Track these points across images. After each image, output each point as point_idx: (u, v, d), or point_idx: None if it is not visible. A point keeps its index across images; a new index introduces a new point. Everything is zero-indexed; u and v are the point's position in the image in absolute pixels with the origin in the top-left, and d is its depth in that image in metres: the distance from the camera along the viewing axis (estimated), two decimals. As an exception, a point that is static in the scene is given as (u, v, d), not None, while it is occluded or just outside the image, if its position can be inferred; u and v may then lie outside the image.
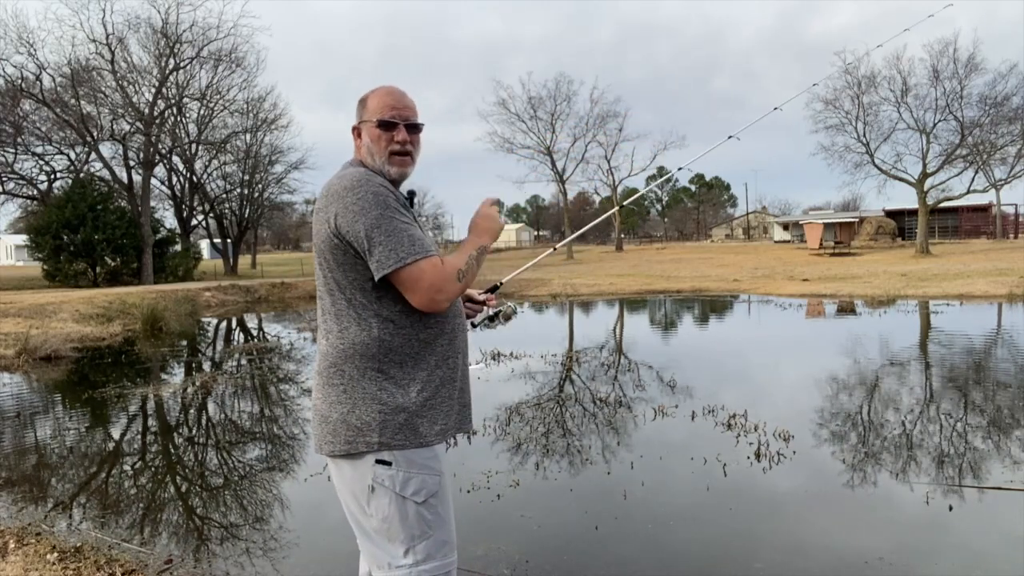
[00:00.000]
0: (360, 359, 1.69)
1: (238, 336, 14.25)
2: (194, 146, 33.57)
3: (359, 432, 1.67)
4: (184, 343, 12.65)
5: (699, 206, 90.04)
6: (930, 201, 32.91)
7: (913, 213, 36.55)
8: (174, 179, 34.56)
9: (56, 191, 30.11)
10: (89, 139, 27.68)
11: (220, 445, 5.66)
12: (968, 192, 32.23)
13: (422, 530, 1.69)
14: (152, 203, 30.45)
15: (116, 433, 6.19)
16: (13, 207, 34.45)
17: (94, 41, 27.10)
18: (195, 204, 36.49)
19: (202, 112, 32.98)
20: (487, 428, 5.55)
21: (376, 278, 1.65)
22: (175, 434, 6.11)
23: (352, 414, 1.68)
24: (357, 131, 1.85)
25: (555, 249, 3.02)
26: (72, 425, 6.50)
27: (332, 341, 1.73)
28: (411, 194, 1.88)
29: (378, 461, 1.67)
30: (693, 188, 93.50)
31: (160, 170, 33.01)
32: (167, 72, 28.93)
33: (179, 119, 32.07)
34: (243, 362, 9.74)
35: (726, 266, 28.02)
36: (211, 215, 38.12)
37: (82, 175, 28.92)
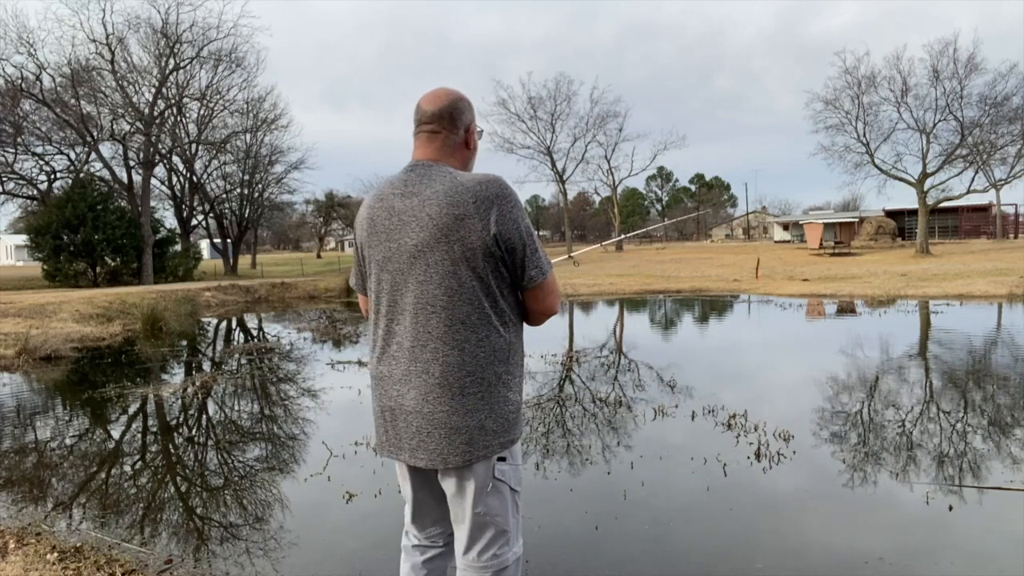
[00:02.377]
0: (498, 364, 1.74)
1: (238, 336, 14.25)
2: (194, 146, 33.59)
3: (495, 435, 1.75)
4: (184, 343, 12.64)
5: (699, 206, 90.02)
6: (930, 201, 32.92)
7: (913, 213, 36.59)
8: (174, 179, 34.60)
9: (56, 191, 30.12)
10: (89, 139, 27.69)
11: (220, 445, 5.66)
12: (968, 192, 32.26)
13: (516, 516, 1.89)
14: (152, 203, 30.46)
15: (116, 433, 6.18)
16: (13, 207, 34.55)
17: (94, 41, 27.14)
18: (195, 204, 36.50)
19: (202, 112, 33.02)
20: (487, 428, 5.54)
21: (532, 284, 1.76)
22: (175, 434, 6.11)
23: (489, 419, 1.74)
24: (471, 130, 1.89)
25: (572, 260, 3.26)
26: (72, 425, 6.50)
27: (470, 350, 1.71)
28: None
29: (499, 459, 1.79)
30: (693, 188, 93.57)
31: (160, 170, 33.05)
32: (167, 72, 28.94)
33: (179, 119, 32.09)
34: (243, 362, 9.74)
35: (726, 266, 28.02)
36: (211, 215, 38.14)
37: (82, 175, 28.92)
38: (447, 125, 1.82)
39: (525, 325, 1.92)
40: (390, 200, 1.81)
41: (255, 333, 14.51)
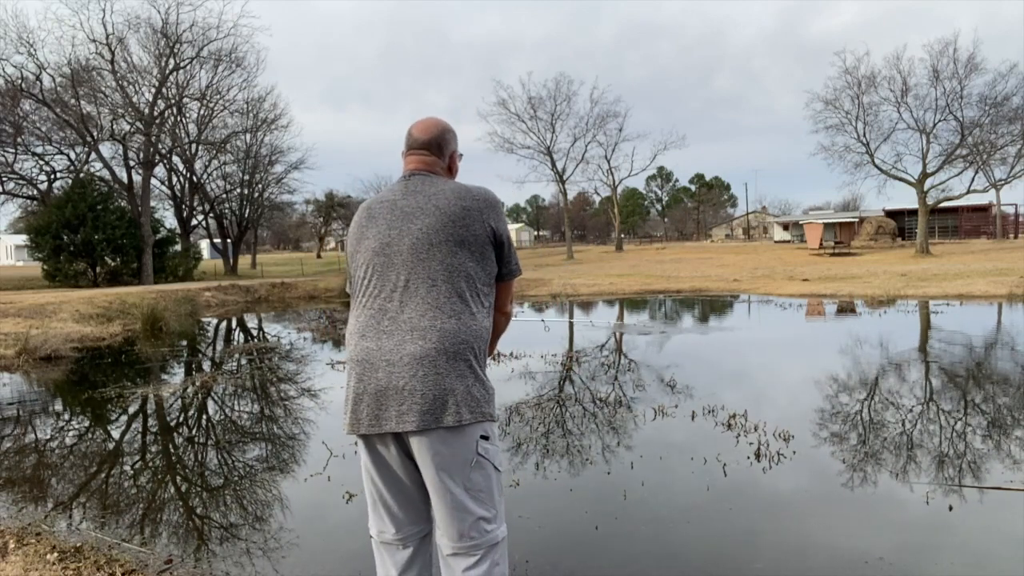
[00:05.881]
0: (482, 342, 1.95)
1: (238, 336, 14.25)
2: (194, 146, 33.60)
3: (480, 403, 1.90)
4: (184, 343, 12.65)
5: (699, 206, 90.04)
6: (930, 201, 32.93)
7: (913, 213, 36.60)
8: (174, 179, 34.60)
9: (56, 191, 30.12)
10: (89, 139, 27.68)
11: (220, 445, 5.66)
12: (968, 192, 32.26)
13: (501, 496, 2.02)
14: (152, 203, 30.45)
15: (116, 433, 6.19)
16: (13, 207, 34.55)
17: (94, 41, 27.14)
18: (195, 204, 36.50)
19: (202, 112, 33.03)
20: (487, 428, 5.54)
21: (510, 276, 2.07)
22: (175, 434, 6.11)
23: (475, 387, 1.91)
24: (455, 157, 2.18)
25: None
26: (72, 425, 6.51)
27: (465, 321, 1.91)
28: None
29: (482, 436, 1.93)
30: (693, 188, 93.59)
31: (160, 170, 33.05)
32: (167, 72, 28.93)
33: (179, 119, 32.09)
34: (243, 362, 9.74)
35: (726, 266, 28.02)
36: (211, 215, 38.14)
37: (82, 175, 28.92)
38: (435, 151, 2.11)
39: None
40: (392, 199, 2.04)
41: (255, 333, 14.52)
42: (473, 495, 1.91)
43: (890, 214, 43.15)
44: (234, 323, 16.78)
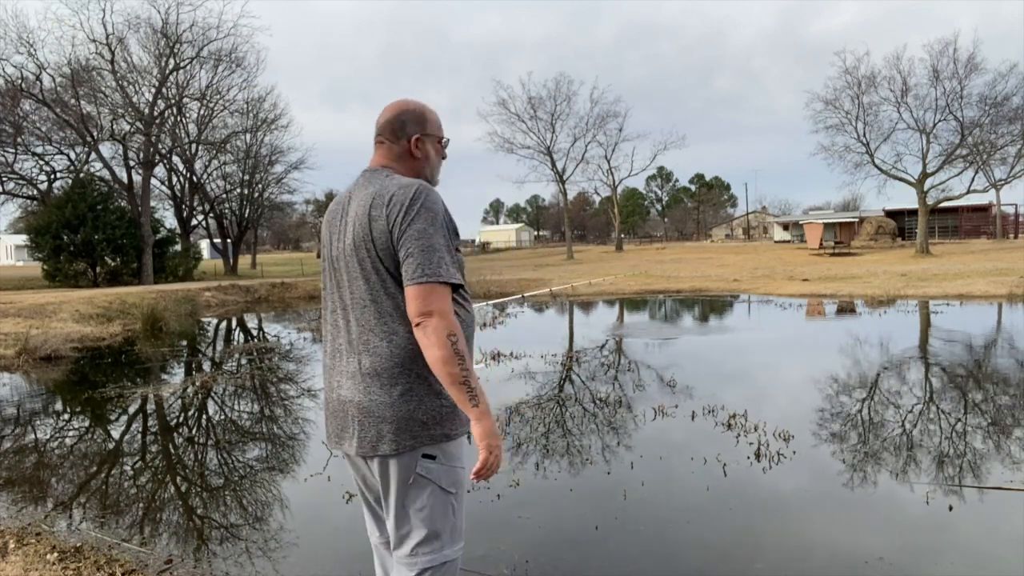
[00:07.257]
0: (423, 359, 1.76)
1: (238, 336, 14.25)
2: (194, 146, 33.58)
3: (423, 427, 1.81)
4: (184, 343, 12.64)
5: (699, 206, 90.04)
6: (930, 201, 32.92)
7: (913, 213, 36.59)
8: (174, 179, 34.58)
9: (56, 191, 30.11)
10: (89, 139, 27.67)
11: (220, 445, 5.66)
12: (968, 192, 32.26)
13: (449, 518, 1.86)
14: (152, 203, 30.43)
15: (116, 433, 6.19)
16: (13, 207, 34.54)
17: (94, 41, 27.12)
18: (195, 204, 36.50)
19: (202, 112, 33.01)
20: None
21: (407, 283, 1.73)
22: (175, 434, 6.11)
23: (419, 410, 1.80)
24: (417, 141, 1.96)
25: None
26: (72, 425, 6.50)
27: (397, 342, 1.79)
28: None
29: (426, 456, 1.81)
30: (693, 188, 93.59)
31: (160, 170, 33.03)
32: (167, 72, 28.92)
33: (179, 119, 32.07)
34: (243, 362, 9.74)
35: (726, 266, 28.01)
36: (211, 215, 38.14)
37: (82, 175, 28.90)
38: (389, 136, 1.96)
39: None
40: (344, 204, 1.96)
41: (255, 333, 14.51)
42: (414, 513, 1.84)
43: (890, 214, 43.14)
44: (234, 323, 16.78)
